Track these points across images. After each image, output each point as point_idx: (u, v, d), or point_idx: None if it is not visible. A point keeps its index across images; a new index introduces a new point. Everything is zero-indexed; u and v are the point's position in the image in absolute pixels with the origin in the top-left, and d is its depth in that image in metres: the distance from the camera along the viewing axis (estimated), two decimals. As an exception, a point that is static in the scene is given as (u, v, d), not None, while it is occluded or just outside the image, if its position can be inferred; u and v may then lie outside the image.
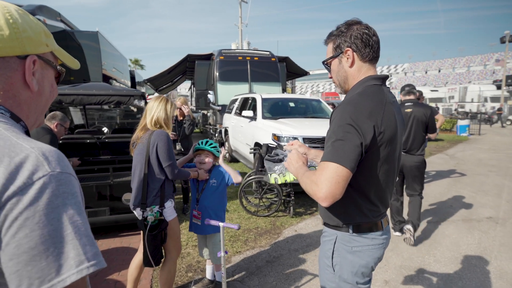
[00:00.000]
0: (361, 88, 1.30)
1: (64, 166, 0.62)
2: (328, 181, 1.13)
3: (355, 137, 1.17)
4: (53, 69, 0.78)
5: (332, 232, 1.38)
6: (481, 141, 13.85)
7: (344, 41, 1.32)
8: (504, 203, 5.32)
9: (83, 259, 0.57)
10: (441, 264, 3.32)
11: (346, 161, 1.14)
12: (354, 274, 1.33)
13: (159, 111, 2.38)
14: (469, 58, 69.79)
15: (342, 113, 1.22)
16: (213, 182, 2.66)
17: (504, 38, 23.93)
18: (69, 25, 9.27)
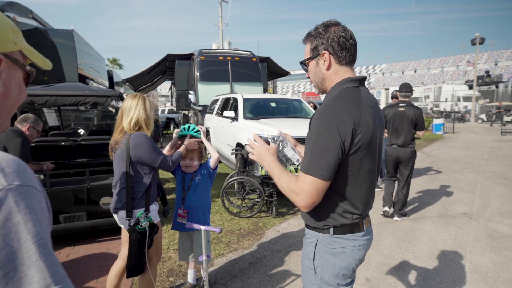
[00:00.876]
0: (338, 91, 1.30)
1: (24, 178, 0.55)
2: (308, 193, 1.22)
3: (333, 142, 1.18)
4: (22, 69, 0.71)
5: (314, 234, 1.38)
6: (455, 139, 14.39)
7: (322, 43, 1.31)
8: (477, 199, 5.53)
9: (50, 283, 0.50)
10: (420, 260, 3.41)
11: (323, 172, 1.20)
12: (336, 276, 1.33)
13: (139, 111, 2.23)
14: (443, 59, 72.40)
15: (319, 118, 1.23)
16: (199, 179, 2.67)
17: (474, 40, 24.92)
18: (42, 22, 8.92)
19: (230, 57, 11.18)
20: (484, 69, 50.32)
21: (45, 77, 7.93)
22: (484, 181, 6.82)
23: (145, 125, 2.27)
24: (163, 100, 37.01)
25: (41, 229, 0.53)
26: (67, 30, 8.40)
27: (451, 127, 17.64)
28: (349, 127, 1.18)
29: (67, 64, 8.37)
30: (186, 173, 2.70)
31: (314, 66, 1.37)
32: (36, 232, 0.52)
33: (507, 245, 3.75)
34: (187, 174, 2.71)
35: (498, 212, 4.86)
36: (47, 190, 3.49)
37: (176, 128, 20.64)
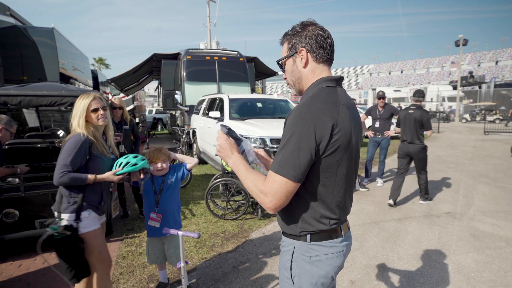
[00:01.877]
0: (314, 90, 1.26)
1: None
2: (277, 194, 1.16)
3: (308, 143, 1.13)
4: None
5: (290, 242, 1.32)
6: (440, 139, 14.63)
7: (299, 41, 1.29)
8: (461, 198, 5.60)
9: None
10: (404, 261, 3.40)
11: (295, 173, 1.14)
12: (314, 285, 1.27)
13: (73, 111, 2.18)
14: (428, 60, 73.75)
15: (295, 117, 1.17)
16: (171, 182, 2.65)
17: (458, 41, 25.45)
18: (21, 20, 8.63)
19: (217, 57, 11.08)
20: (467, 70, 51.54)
21: (24, 76, 7.68)
22: (468, 180, 6.92)
23: (76, 124, 2.16)
24: (150, 100, 36.56)
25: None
26: (47, 28, 8.14)
27: (436, 126, 17.94)
28: (327, 127, 1.14)
29: (48, 64, 8.11)
30: (155, 176, 2.65)
31: (291, 65, 1.34)
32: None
33: (489, 244, 3.78)
34: (156, 177, 2.65)
35: (481, 211, 4.92)
36: (21, 194, 3.34)
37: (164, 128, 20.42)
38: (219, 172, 5.53)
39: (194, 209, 5.03)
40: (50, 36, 8.06)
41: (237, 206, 4.87)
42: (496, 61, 59.42)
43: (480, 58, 63.05)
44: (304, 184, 1.21)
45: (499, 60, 59.19)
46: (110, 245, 3.75)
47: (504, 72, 54.67)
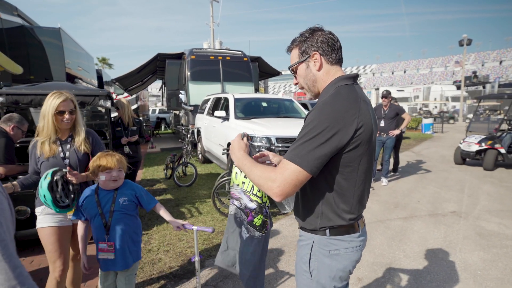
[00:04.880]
0: (333, 89, 1.29)
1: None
2: (287, 182, 1.16)
3: (329, 138, 1.15)
4: None
5: (309, 236, 1.35)
6: (444, 139, 14.61)
7: (311, 46, 1.33)
8: (466, 198, 5.61)
9: (15, 284, 0.48)
10: (411, 259, 3.42)
11: (309, 164, 1.15)
12: (332, 278, 1.31)
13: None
14: (432, 60, 73.49)
15: (318, 114, 1.19)
16: (124, 201, 2.05)
17: (462, 41, 25.37)
18: (28, 20, 8.70)
19: (221, 57, 11.13)
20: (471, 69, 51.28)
21: (31, 76, 7.75)
22: (472, 179, 6.92)
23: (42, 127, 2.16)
24: (154, 99, 36.68)
25: (2, 231, 0.50)
26: (54, 28, 8.21)
27: (440, 127, 17.90)
28: (350, 123, 1.17)
29: (54, 63, 8.18)
30: (102, 191, 2.03)
31: (305, 69, 1.37)
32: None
33: (495, 243, 3.80)
34: (104, 194, 2.03)
35: (486, 210, 4.93)
36: (32, 191, 3.39)
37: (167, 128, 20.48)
38: (225, 171, 5.56)
39: (201, 207, 5.07)
40: (57, 36, 8.13)
41: (243, 205, 4.90)
42: (500, 61, 59.16)
43: (484, 58, 62.78)
44: (326, 178, 1.25)
45: (503, 60, 58.93)
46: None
47: (508, 72, 54.44)
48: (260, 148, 5.16)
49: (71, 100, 2.18)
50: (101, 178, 1.99)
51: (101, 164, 1.98)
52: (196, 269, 2.25)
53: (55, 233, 2.17)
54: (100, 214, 2.00)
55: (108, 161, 1.99)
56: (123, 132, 4.54)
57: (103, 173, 1.99)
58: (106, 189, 2.03)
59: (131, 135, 4.59)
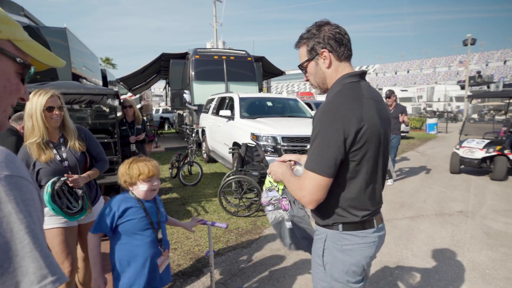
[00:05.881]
0: (338, 87, 1.30)
1: (14, 168, 0.53)
2: (310, 189, 1.22)
3: (335, 138, 1.18)
4: (11, 60, 0.65)
5: (323, 231, 1.37)
6: (449, 139, 14.55)
7: (318, 43, 1.31)
8: (472, 197, 5.58)
9: (46, 272, 0.49)
10: (419, 258, 3.42)
11: (325, 169, 1.20)
12: (345, 273, 1.31)
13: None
14: (435, 60, 73.18)
15: (321, 115, 1.23)
16: (163, 210, 1.95)
17: (466, 41, 25.22)
18: (34, 20, 8.78)
19: (225, 56, 11.15)
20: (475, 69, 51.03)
21: (37, 76, 7.80)
22: (478, 179, 6.89)
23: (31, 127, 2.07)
24: (157, 99, 36.79)
25: (32, 220, 0.51)
26: (60, 28, 8.26)
27: (444, 126, 17.82)
28: (352, 122, 1.18)
29: (60, 63, 8.24)
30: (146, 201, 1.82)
31: (314, 67, 1.36)
32: (28, 223, 0.50)
33: (503, 242, 3.78)
34: (148, 205, 1.82)
35: (493, 210, 4.91)
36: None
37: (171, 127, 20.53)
38: (230, 170, 5.58)
39: (207, 206, 5.09)
40: (63, 36, 8.17)
41: (249, 204, 4.92)
42: (504, 61, 58.80)
43: (488, 58, 62.43)
44: (335, 177, 1.25)
45: (508, 59, 58.56)
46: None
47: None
48: (266, 147, 5.17)
49: (57, 96, 2.10)
50: (141, 188, 1.75)
51: (143, 172, 1.72)
52: (210, 264, 2.27)
53: (61, 234, 2.14)
54: (151, 227, 1.79)
55: (150, 169, 1.75)
56: (128, 130, 4.57)
57: (144, 182, 1.74)
58: (145, 199, 1.81)
59: (137, 134, 4.61)
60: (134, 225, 1.73)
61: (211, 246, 2.25)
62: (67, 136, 2.19)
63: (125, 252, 1.73)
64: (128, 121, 4.61)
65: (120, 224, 1.72)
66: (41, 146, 2.06)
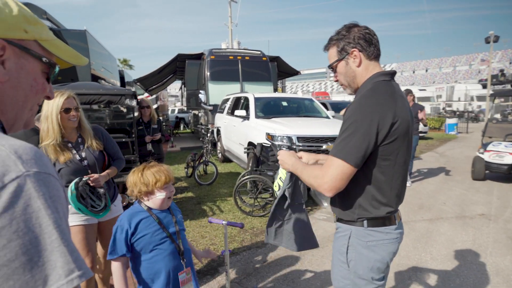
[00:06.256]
0: (371, 84, 1.33)
1: (42, 165, 0.54)
2: (334, 176, 1.23)
3: (368, 131, 1.20)
4: (37, 60, 0.67)
5: (346, 228, 1.38)
6: (470, 139, 14.10)
7: (348, 43, 1.36)
8: (495, 200, 5.39)
9: (73, 267, 0.50)
10: (438, 262, 3.33)
11: (354, 158, 1.21)
12: (370, 269, 1.33)
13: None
14: (455, 58, 71.19)
15: (356, 108, 1.25)
16: (180, 217, 1.79)
17: (488, 38, 24.39)
18: (56, 23, 9.05)
19: (240, 57, 11.19)
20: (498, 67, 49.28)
21: (59, 77, 8.04)
22: (502, 181, 6.65)
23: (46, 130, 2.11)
24: (172, 100, 37.28)
25: (59, 216, 0.53)
26: (80, 30, 8.49)
27: (464, 127, 17.30)
28: (387, 117, 1.21)
29: (81, 64, 8.47)
30: (158, 212, 1.66)
31: (344, 66, 1.40)
32: (55, 219, 0.52)
33: (528, 247, 3.63)
34: (162, 215, 1.67)
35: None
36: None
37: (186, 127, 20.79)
38: (245, 170, 5.59)
39: (222, 205, 5.12)
40: (83, 38, 8.39)
41: (264, 203, 4.91)
42: (529, 59, 56.57)
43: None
44: (364, 172, 1.27)
45: (533, 57, 56.31)
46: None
47: (537, 70, 51.91)
48: (281, 147, 5.15)
49: (73, 97, 2.13)
50: (158, 197, 1.60)
51: (159, 179, 1.58)
52: (225, 263, 2.28)
53: (82, 231, 2.18)
54: (169, 237, 1.64)
55: (166, 174, 1.62)
56: (144, 130, 4.64)
57: (161, 189, 1.60)
58: (161, 209, 1.66)
59: (153, 134, 4.68)
60: (149, 240, 1.59)
61: (227, 246, 2.26)
62: (84, 136, 2.24)
63: (146, 270, 1.61)
64: (144, 121, 4.69)
65: (135, 241, 1.58)
66: (56, 148, 2.09)
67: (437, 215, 4.73)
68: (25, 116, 0.70)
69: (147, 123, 4.71)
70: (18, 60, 0.63)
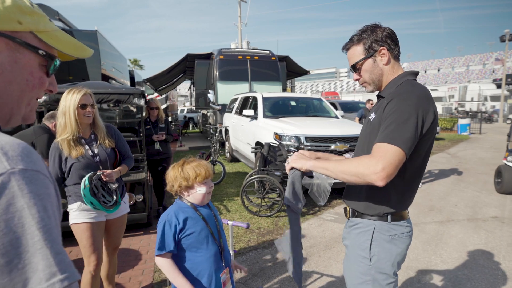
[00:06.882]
0: (402, 81, 1.37)
1: (30, 162, 0.52)
2: (391, 163, 1.17)
3: (418, 124, 1.22)
4: (33, 53, 0.64)
5: (369, 223, 1.40)
6: (482, 140, 13.80)
7: (376, 41, 1.38)
8: (509, 203, 5.25)
9: (55, 270, 0.48)
10: (449, 265, 3.25)
11: (407, 146, 1.20)
12: (392, 263, 1.37)
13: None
14: (468, 57, 69.82)
15: (404, 101, 1.26)
16: (219, 217, 1.76)
17: (504, 37, 23.83)
18: (68, 24, 9.19)
19: (249, 56, 11.17)
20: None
21: (70, 76, 8.17)
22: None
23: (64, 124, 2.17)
24: (182, 99, 37.53)
25: (46, 215, 0.50)
26: (91, 31, 8.60)
27: (477, 127, 16.94)
28: (431, 112, 1.26)
29: (91, 64, 8.58)
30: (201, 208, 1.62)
31: (371, 64, 1.41)
32: (41, 218, 0.49)
33: (544, 252, 3.52)
34: (205, 212, 1.62)
35: (533, 217, 4.58)
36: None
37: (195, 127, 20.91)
38: (252, 170, 5.57)
39: (229, 205, 5.11)
40: (94, 39, 8.50)
41: (271, 204, 4.89)
42: (545, 58, 55.01)
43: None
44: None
45: (549, 56, 54.76)
46: (150, 237, 3.91)
47: (555, 69, 50.49)
48: (289, 147, 5.12)
49: (90, 94, 2.20)
50: (199, 191, 1.56)
51: (199, 173, 1.55)
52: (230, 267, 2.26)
53: (90, 228, 2.21)
54: (212, 236, 1.59)
55: (206, 169, 1.57)
56: (152, 130, 4.67)
57: (202, 184, 1.56)
58: (202, 204, 1.62)
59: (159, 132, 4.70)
60: (195, 238, 1.54)
61: (232, 246, 2.24)
62: (97, 133, 2.30)
63: (188, 271, 1.54)
64: (151, 121, 4.71)
65: (183, 238, 1.53)
66: (71, 143, 2.15)
67: (448, 217, 4.63)
68: (22, 111, 0.68)
69: (155, 122, 4.73)
70: (11, 54, 0.61)
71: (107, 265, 2.48)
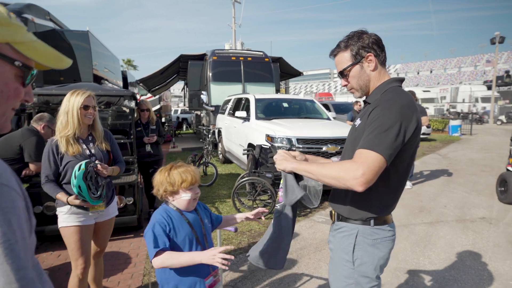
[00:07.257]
0: (388, 88, 1.38)
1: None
2: (371, 169, 1.19)
3: (400, 131, 1.24)
4: (8, 64, 0.63)
5: (352, 227, 1.42)
6: (473, 141, 13.98)
7: (363, 47, 1.39)
8: (497, 203, 5.33)
9: (15, 287, 0.47)
10: (436, 266, 3.29)
11: (388, 154, 1.22)
12: (375, 267, 1.38)
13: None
14: (460, 59, 70.67)
15: (387, 109, 1.28)
16: (207, 222, 1.73)
17: (494, 39, 24.18)
18: (59, 24, 9.11)
19: (243, 57, 11.18)
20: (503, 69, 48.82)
21: (61, 77, 8.09)
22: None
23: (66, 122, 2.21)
24: (176, 100, 37.37)
25: (8, 230, 0.49)
26: (82, 31, 8.53)
27: (468, 128, 17.15)
28: (413, 119, 1.28)
29: (83, 65, 8.50)
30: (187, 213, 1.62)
31: (359, 70, 1.43)
32: (3, 233, 0.48)
33: (529, 252, 3.58)
34: (191, 217, 1.62)
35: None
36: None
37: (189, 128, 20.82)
38: (245, 172, 5.58)
39: (221, 207, 5.11)
40: (85, 39, 8.44)
41: (263, 205, 4.90)
42: (535, 60, 55.98)
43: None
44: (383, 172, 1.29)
45: (539, 58, 55.72)
46: (141, 240, 3.89)
47: (544, 71, 51.36)
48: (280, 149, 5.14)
49: (92, 97, 2.28)
50: (183, 197, 1.56)
51: (185, 179, 1.54)
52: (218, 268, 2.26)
53: (78, 232, 2.21)
54: (195, 238, 1.59)
55: (192, 175, 1.56)
56: (143, 131, 4.65)
57: (187, 190, 1.56)
58: (187, 210, 1.61)
59: (150, 133, 4.68)
60: (180, 243, 1.53)
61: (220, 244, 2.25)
62: (95, 135, 2.36)
63: (169, 275, 1.53)
64: (142, 122, 4.69)
65: (172, 237, 1.53)
66: (70, 141, 2.20)
67: (438, 218, 4.69)
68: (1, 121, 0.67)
69: (146, 124, 4.71)
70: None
71: (94, 268, 2.48)
